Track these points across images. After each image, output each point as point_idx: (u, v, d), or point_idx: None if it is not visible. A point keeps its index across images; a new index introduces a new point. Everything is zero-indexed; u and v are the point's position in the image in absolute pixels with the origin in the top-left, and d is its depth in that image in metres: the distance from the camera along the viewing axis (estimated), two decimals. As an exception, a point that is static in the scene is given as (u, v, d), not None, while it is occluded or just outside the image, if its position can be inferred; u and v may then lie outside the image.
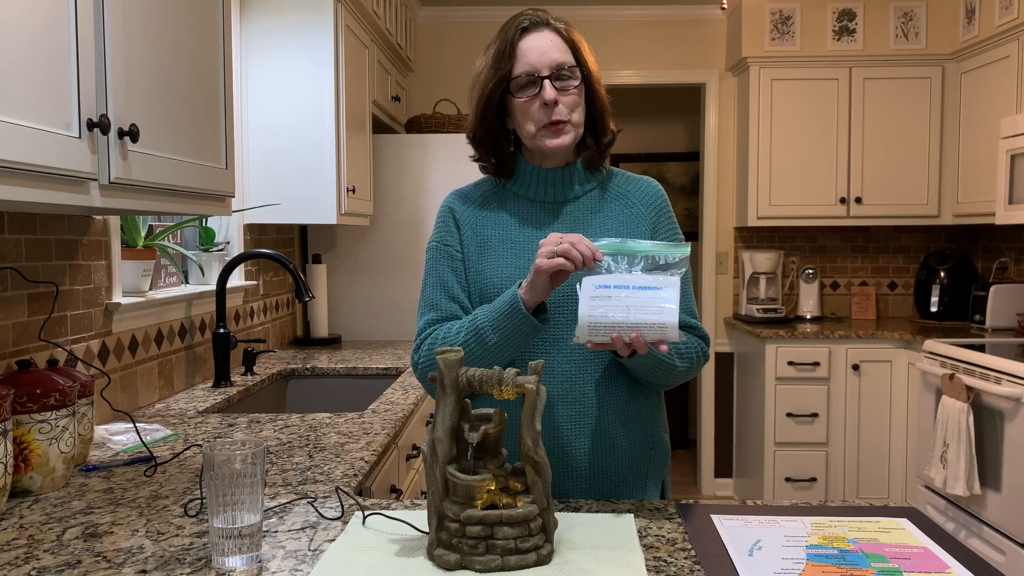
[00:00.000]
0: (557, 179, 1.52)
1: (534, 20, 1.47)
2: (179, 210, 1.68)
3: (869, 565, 1.11)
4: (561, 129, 1.46)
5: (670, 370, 1.44)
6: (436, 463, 1.13)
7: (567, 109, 1.45)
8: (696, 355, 1.50)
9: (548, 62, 1.44)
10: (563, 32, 1.48)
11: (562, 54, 1.45)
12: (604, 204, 1.53)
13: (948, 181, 4.31)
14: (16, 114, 1.13)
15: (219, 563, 1.11)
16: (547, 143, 1.46)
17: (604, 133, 1.53)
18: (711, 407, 4.87)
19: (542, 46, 1.45)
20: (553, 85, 1.44)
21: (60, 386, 1.46)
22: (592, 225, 1.51)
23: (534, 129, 1.46)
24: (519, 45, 1.46)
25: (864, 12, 4.29)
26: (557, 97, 1.44)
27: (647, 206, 1.54)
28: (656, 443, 1.54)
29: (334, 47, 3.04)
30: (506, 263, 1.50)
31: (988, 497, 3.08)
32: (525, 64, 1.44)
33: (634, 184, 1.57)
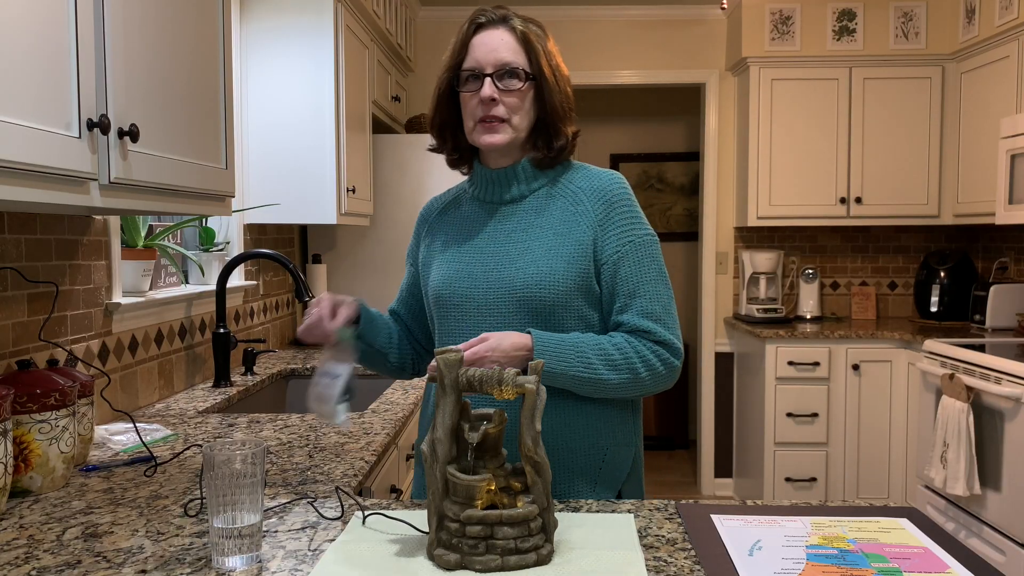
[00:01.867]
0: (501, 178, 1.51)
1: (491, 17, 1.48)
2: (179, 210, 1.68)
3: (869, 565, 1.11)
4: (495, 127, 1.45)
5: (596, 383, 1.38)
6: (436, 463, 1.13)
7: (506, 109, 1.44)
8: (640, 364, 1.40)
9: (493, 60, 1.44)
10: (518, 32, 1.46)
11: (511, 54, 1.45)
12: (550, 203, 1.49)
13: (948, 181, 4.31)
14: (16, 114, 1.13)
15: (219, 563, 1.11)
16: (480, 139, 1.46)
17: (557, 137, 1.49)
18: (711, 407, 4.87)
19: (491, 43, 1.45)
20: (494, 83, 1.43)
21: (60, 386, 1.46)
22: (535, 226, 1.47)
23: (472, 124, 1.47)
24: (472, 40, 1.47)
25: (864, 12, 4.29)
26: (495, 95, 1.43)
27: (595, 201, 1.47)
28: (609, 455, 1.46)
29: (334, 47, 3.04)
30: (449, 266, 1.50)
31: (988, 497, 3.08)
32: (472, 60, 1.46)
33: (587, 179, 1.51)
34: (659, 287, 1.45)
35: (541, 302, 1.42)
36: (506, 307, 1.43)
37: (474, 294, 1.46)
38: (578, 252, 1.43)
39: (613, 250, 1.44)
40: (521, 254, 1.45)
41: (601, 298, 1.46)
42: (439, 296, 1.49)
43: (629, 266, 1.44)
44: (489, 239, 1.49)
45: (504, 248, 1.47)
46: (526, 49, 1.46)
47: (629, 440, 1.51)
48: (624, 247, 1.44)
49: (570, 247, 1.44)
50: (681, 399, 5.92)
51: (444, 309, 1.49)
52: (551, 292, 1.42)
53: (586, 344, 1.39)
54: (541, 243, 1.45)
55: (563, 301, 1.42)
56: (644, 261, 1.45)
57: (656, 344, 1.42)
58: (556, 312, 1.42)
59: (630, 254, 1.44)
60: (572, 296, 1.43)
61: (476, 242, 1.50)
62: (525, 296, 1.42)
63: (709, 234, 4.83)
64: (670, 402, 5.91)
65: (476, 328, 1.44)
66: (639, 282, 1.44)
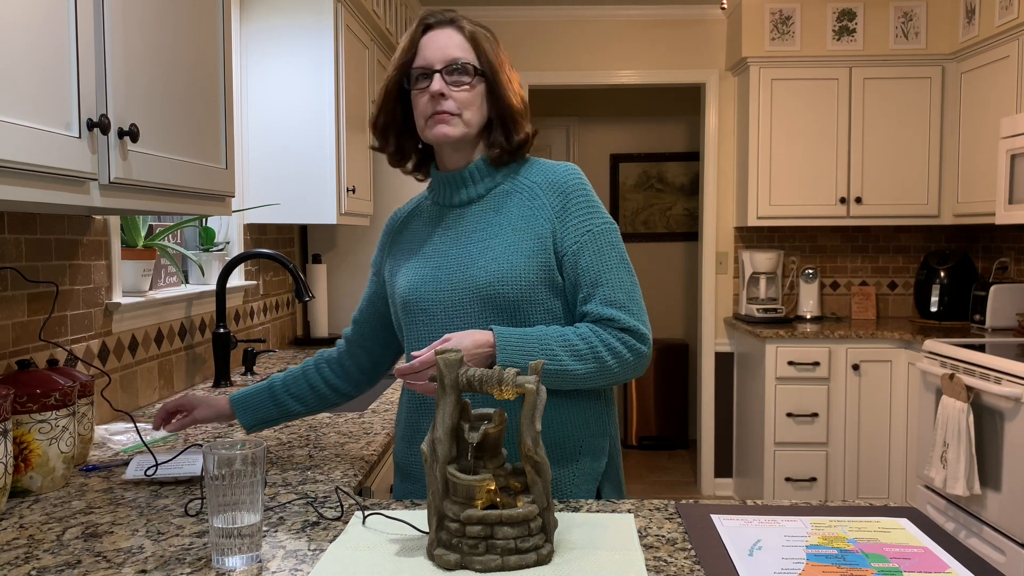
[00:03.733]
0: (457, 180, 1.52)
1: (439, 19, 1.49)
2: (179, 210, 1.68)
3: (869, 565, 1.11)
4: (446, 120, 1.45)
5: (562, 375, 1.38)
6: (436, 463, 1.13)
7: (456, 104, 1.45)
8: (607, 353, 1.40)
9: (442, 57, 1.45)
10: (467, 31, 1.48)
11: (460, 51, 1.46)
12: (508, 200, 1.49)
13: (948, 181, 4.31)
14: (16, 114, 1.13)
15: (219, 563, 1.11)
16: (431, 132, 1.47)
17: (516, 132, 1.50)
18: (711, 407, 4.87)
19: (440, 42, 1.46)
20: (444, 79, 1.44)
21: (60, 386, 1.46)
22: (494, 224, 1.48)
23: (423, 122, 1.48)
24: (420, 41, 1.48)
25: (864, 12, 4.29)
26: (446, 90, 1.44)
27: (551, 194, 1.47)
28: (585, 448, 1.47)
29: (334, 47, 3.04)
30: (414, 272, 1.51)
31: (988, 497, 3.08)
32: (422, 58, 1.47)
33: (543, 173, 1.51)
34: (621, 274, 1.45)
35: (505, 298, 1.42)
36: (472, 307, 1.44)
37: (440, 297, 1.46)
38: (538, 246, 1.44)
39: (572, 241, 1.44)
40: (482, 253, 1.45)
41: (565, 289, 1.46)
42: (407, 302, 1.50)
43: (589, 256, 1.44)
44: (451, 241, 1.50)
45: (465, 249, 1.47)
46: (475, 47, 1.47)
47: (604, 431, 1.51)
48: (583, 237, 1.44)
49: (529, 242, 1.44)
50: (681, 399, 5.93)
51: (412, 315, 1.49)
52: (514, 288, 1.42)
53: (550, 336, 1.39)
54: (500, 240, 1.45)
55: (527, 296, 1.42)
56: (604, 249, 1.45)
57: (621, 331, 1.42)
58: (521, 307, 1.43)
59: (589, 244, 1.44)
60: (536, 290, 1.43)
61: (438, 246, 1.51)
62: (488, 294, 1.42)
63: (709, 234, 4.83)
64: (670, 402, 5.91)
65: (445, 330, 1.45)
66: (600, 271, 1.44)
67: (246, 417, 1.64)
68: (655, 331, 6.19)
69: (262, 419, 1.65)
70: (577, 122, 6.20)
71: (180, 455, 1.60)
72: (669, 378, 5.89)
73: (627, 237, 6.19)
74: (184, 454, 1.61)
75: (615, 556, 1.13)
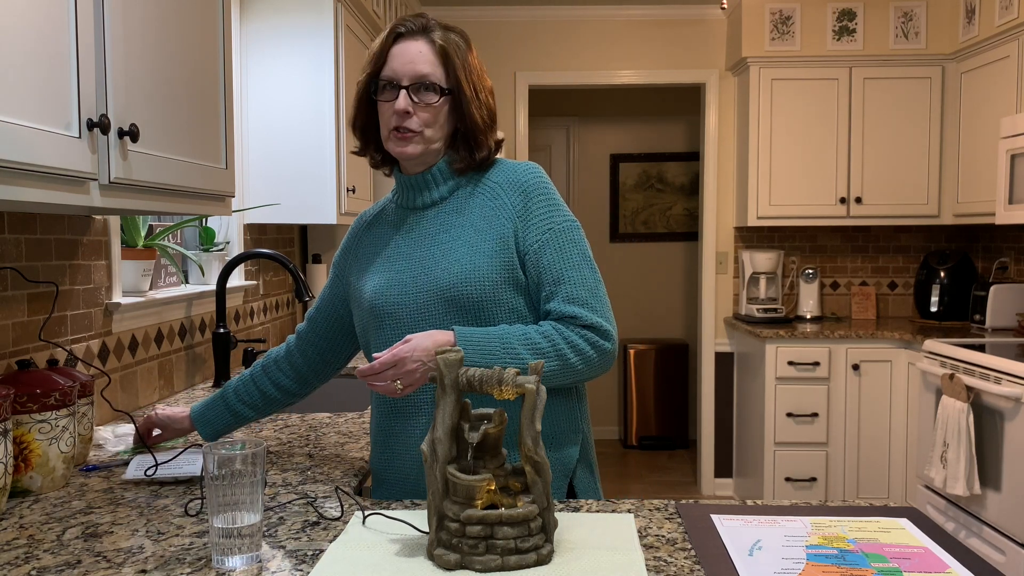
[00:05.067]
0: (419, 183, 1.52)
1: (411, 28, 1.47)
2: (179, 210, 1.68)
3: (869, 565, 1.11)
4: (408, 138, 1.45)
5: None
6: (436, 463, 1.13)
7: (419, 122, 1.45)
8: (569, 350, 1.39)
9: (410, 72, 1.44)
10: (437, 45, 1.46)
11: (428, 67, 1.44)
12: (470, 201, 1.49)
13: (948, 181, 4.31)
14: (16, 114, 1.13)
15: (219, 563, 1.11)
16: (393, 148, 1.48)
17: (478, 148, 1.49)
18: (711, 407, 4.87)
19: (409, 55, 1.45)
20: (410, 96, 1.44)
21: (60, 386, 1.46)
22: (456, 226, 1.48)
23: (386, 133, 1.48)
24: (391, 50, 1.47)
25: (864, 12, 4.29)
26: (409, 108, 1.44)
27: (512, 194, 1.47)
28: (555, 443, 1.46)
29: (334, 47, 3.04)
30: (379, 276, 1.51)
31: (988, 497, 3.08)
32: (390, 69, 1.46)
33: (504, 173, 1.50)
34: (583, 272, 1.45)
35: (468, 299, 1.42)
36: (437, 309, 1.44)
37: (406, 300, 1.46)
38: (499, 246, 1.44)
39: (534, 239, 1.44)
40: (444, 255, 1.45)
41: (528, 288, 1.46)
42: (374, 307, 1.50)
43: (551, 254, 1.44)
44: (415, 244, 1.50)
45: (429, 251, 1.47)
46: (444, 63, 1.46)
47: (575, 427, 1.51)
48: (544, 235, 1.44)
49: (491, 242, 1.44)
50: (681, 399, 5.93)
51: (380, 319, 1.49)
52: (476, 288, 1.42)
53: (511, 335, 1.39)
54: (463, 241, 1.45)
55: (490, 296, 1.42)
56: (566, 247, 1.45)
57: (584, 328, 1.41)
58: (485, 307, 1.42)
59: (551, 242, 1.44)
60: (499, 290, 1.43)
61: (403, 249, 1.51)
62: (452, 296, 1.42)
63: (709, 234, 4.83)
64: (670, 402, 5.91)
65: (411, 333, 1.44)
66: (562, 268, 1.43)
67: (205, 430, 1.67)
68: (655, 331, 6.20)
69: (220, 430, 1.68)
70: (577, 122, 6.20)
71: (180, 455, 1.60)
72: (669, 378, 5.89)
73: (627, 237, 6.19)
74: (184, 454, 1.61)
75: (615, 556, 1.13)
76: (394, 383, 1.34)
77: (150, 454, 1.59)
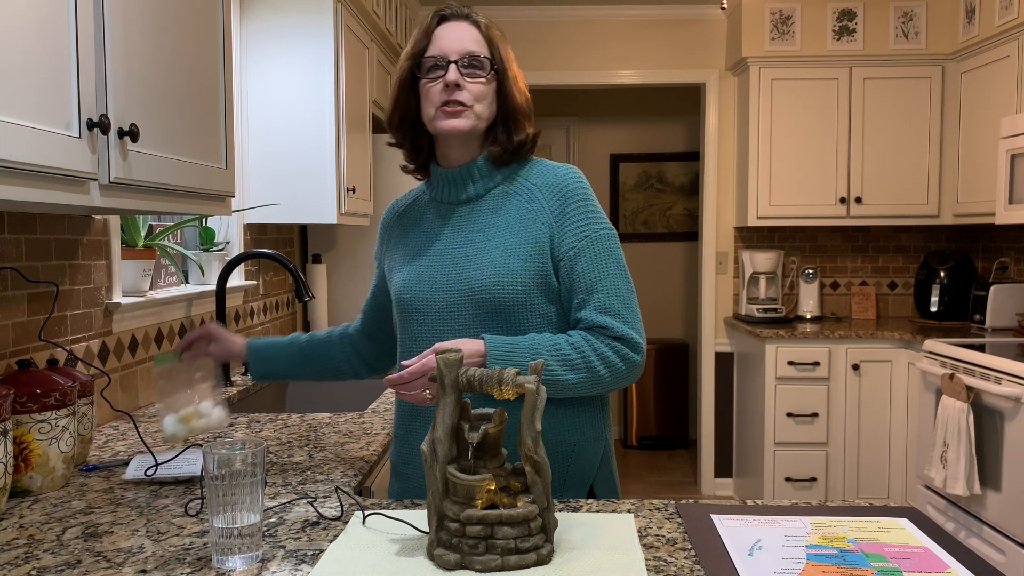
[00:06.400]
0: (457, 177, 1.50)
1: (455, 11, 1.49)
2: (179, 210, 1.68)
3: (869, 565, 1.11)
4: (458, 112, 1.43)
5: (553, 385, 1.37)
6: (436, 463, 1.13)
7: (470, 95, 1.44)
8: (599, 362, 1.39)
9: (458, 48, 1.44)
10: (481, 27, 1.48)
11: (475, 45, 1.46)
12: (507, 201, 1.48)
13: (948, 181, 4.31)
14: (16, 114, 1.13)
15: (219, 563, 1.11)
16: (442, 124, 1.44)
17: (517, 131, 1.48)
18: (711, 407, 4.87)
19: (457, 33, 1.46)
20: (459, 70, 1.44)
21: (60, 386, 1.46)
22: (491, 226, 1.46)
23: (433, 111, 1.46)
24: (435, 31, 1.47)
25: (864, 12, 4.29)
26: (461, 81, 1.43)
27: (550, 197, 1.45)
28: (577, 452, 1.46)
29: (334, 47, 3.04)
30: (409, 270, 1.51)
31: (988, 497, 3.08)
32: (436, 48, 1.46)
33: (543, 175, 1.49)
34: (617, 281, 1.43)
35: (500, 303, 1.41)
36: (466, 309, 1.43)
37: (434, 297, 1.45)
38: (535, 250, 1.42)
39: (570, 246, 1.43)
40: (478, 255, 1.44)
41: (560, 295, 1.45)
42: (401, 300, 1.50)
43: (586, 261, 1.42)
44: (447, 241, 1.49)
45: (462, 249, 1.46)
46: (489, 44, 1.47)
47: (598, 435, 1.51)
48: (580, 242, 1.43)
49: (527, 245, 1.42)
50: (681, 399, 5.93)
51: (406, 313, 1.49)
52: (509, 292, 1.40)
53: (541, 345, 1.37)
54: (498, 243, 1.44)
55: (522, 300, 1.41)
56: (601, 256, 1.43)
57: (614, 340, 1.40)
58: (516, 312, 1.41)
59: (587, 249, 1.43)
60: (531, 295, 1.41)
61: (435, 245, 1.50)
62: (483, 298, 1.41)
63: (709, 234, 4.83)
64: (670, 402, 5.91)
65: (438, 331, 1.44)
66: (596, 277, 1.42)
67: (259, 367, 1.64)
68: (655, 331, 6.20)
69: (272, 373, 1.66)
70: (577, 122, 6.20)
71: (180, 455, 1.60)
72: (669, 378, 5.89)
73: (627, 237, 6.19)
74: (184, 454, 1.61)
75: (615, 556, 1.13)
76: (423, 392, 1.33)
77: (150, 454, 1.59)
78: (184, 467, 1.54)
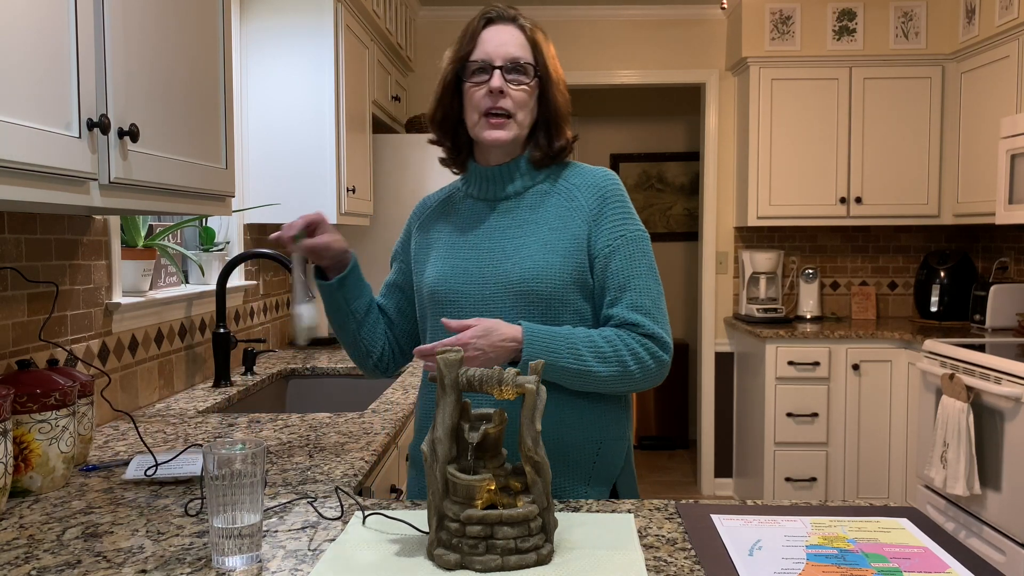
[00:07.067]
0: (498, 175, 1.52)
1: (501, 14, 1.49)
2: (179, 210, 1.68)
3: (869, 565, 1.11)
4: (501, 123, 1.46)
5: (585, 376, 1.39)
6: (436, 463, 1.13)
7: (513, 104, 1.45)
8: (630, 358, 1.41)
9: (503, 54, 1.45)
10: (527, 30, 1.48)
11: (520, 50, 1.46)
12: (546, 199, 1.51)
13: (948, 181, 4.31)
14: (16, 114, 1.13)
15: (219, 563, 1.11)
16: (485, 134, 1.47)
17: (558, 137, 1.51)
18: (711, 407, 4.87)
19: (502, 37, 1.47)
20: (504, 76, 1.45)
21: (60, 386, 1.46)
22: (530, 222, 1.49)
23: (476, 117, 1.47)
24: (481, 34, 1.48)
25: (864, 12, 4.29)
26: (504, 87, 1.44)
27: (590, 197, 1.48)
28: (603, 449, 1.48)
29: (334, 47, 3.04)
30: (444, 262, 1.51)
31: (988, 497, 3.08)
32: (481, 52, 1.47)
33: (582, 176, 1.52)
34: (649, 282, 1.46)
35: (538, 296, 1.43)
36: (503, 302, 1.44)
37: (469, 290, 1.46)
38: (573, 246, 1.45)
39: (605, 244, 1.45)
40: (517, 249, 1.46)
41: (594, 293, 1.47)
42: (434, 292, 1.50)
43: (620, 260, 1.45)
44: (484, 235, 1.50)
45: (499, 244, 1.48)
46: (533, 48, 1.48)
47: (622, 434, 1.52)
48: (616, 241, 1.46)
49: (566, 241, 1.45)
50: (681, 399, 5.93)
51: (440, 305, 1.49)
52: (548, 286, 1.43)
53: (576, 337, 1.40)
54: (537, 238, 1.46)
55: (559, 295, 1.43)
56: (635, 256, 1.46)
57: (644, 337, 1.43)
58: (552, 306, 1.43)
59: (622, 248, 1.46)
60: (568, 290, 1.44)
61: (471, 238, 1.51)
62: (522, 290, 1.43)
63: (709, 234, 4.83)
64: (670, 402, 5.91)
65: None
66: (629, 276, 1.45)
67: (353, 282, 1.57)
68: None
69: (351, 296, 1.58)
70: (577, 122, 6.15)
71: (180, 455, 1.60)
72: (669, 378, 5.85)
73: (627, 237, 6.18)
74: (184, 454, 1.61)
75: (615, 556, 1.13)
76: None
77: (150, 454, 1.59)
78: (184, 467, 1.54)
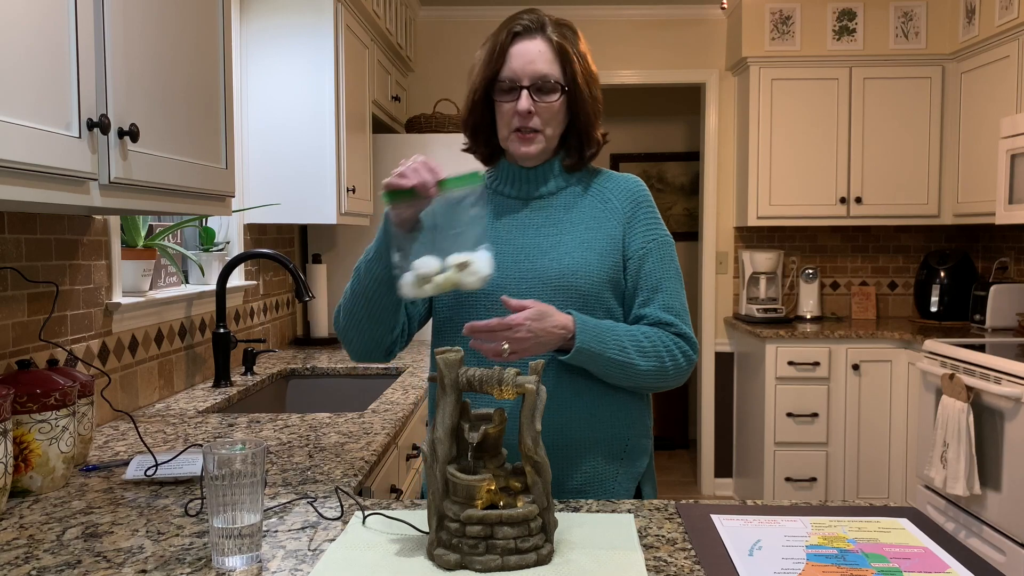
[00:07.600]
0: (533, 176, 1.54)
1: (528, 26, 1.48)
2: (179, 210, 1.68)
3: (869, 565, 1.11)
4: (531, 139, 1.49)
5: (627, 368, 1.43)
6: (436, 463, 1.13)
7: (541, 121, 1.48)
8: (666, 354, 1.46)
9: (531, 72, 1.46)
10: (554, 43, 1.48)
11: (548, 66, 1.47)
12: (580, 200, 1.54)
13: (948, 181, 4.31)
14: (16, 114, 1.13)
15: (219, 563, 1.11)
16: (516, 149, 1.50)
17: (589, 144, 1.54)
18: (711, 407, 4.87)
19: (529, 55, 1.46)
20: (531, 96, 1.46)
21: (60, 386, 1.46)
22: (564, 221, 1.51)
23: (506, 133, 1.50)
24: (509, 50, 1.48)
25: (864, 12, 4.29)
26: (532, 108, 1.46)
27: (623, 200, 1.53)
28: (631, 447, 1.52)
29: (334, 47, 3.04)
30: None
31: (988, 497, 3.08)
32: (509, 70, 1.47)
33: (614, 181, 1.57)
34: (677, 285, 1.53)
35: (577, 291, 1.46)
36: (538, 297, 1.44)
37: (503, 285, 1.46)
38: (609, 246, 1.49)
39: (639, 246, 1.50)
40: (553, 246, 1.48)
41: (625, 294, 1.51)
42: None
43: (653, 262, 1.50)
44: (518, 232, 1.52)
45: (535, 241, 1.50)
46: (561, 60, 1.48)
47: (647, 432, 1.57)
48: (649, 244, 1.51)
49: (602, 241, 1.49)
50: (681, 399, 5.93)
51: (473, 298, 1.49)
52: (586, 282, 1.46)
53: (621, 329, 1.44)
54: (573, 236, 1.49)
55: (595, 292, 1.47)
56: (666, 259, 1.52)
57: (677, 336, 1.48)
58: (588, 303, 1.46)
59: (654, 251, 1.51)
60: (603, 287, 1.48)
61: (503, 234, 1.52)
62: (560, 286, 1.45)
63: (709, 234, 4.83)
64: (670, 402, 5.91)
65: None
66: (661, 278, 1.50)
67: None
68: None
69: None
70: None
71: (180, 455, 1.60)
72: (669, 378, 5.89)
73: (627, 237, 6.18)
74: (184, 454, 1.61)
75: (615, 556, 1.13)
76: (501, 345, 1.34)
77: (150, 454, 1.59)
78: (184, 467, 1.54)
